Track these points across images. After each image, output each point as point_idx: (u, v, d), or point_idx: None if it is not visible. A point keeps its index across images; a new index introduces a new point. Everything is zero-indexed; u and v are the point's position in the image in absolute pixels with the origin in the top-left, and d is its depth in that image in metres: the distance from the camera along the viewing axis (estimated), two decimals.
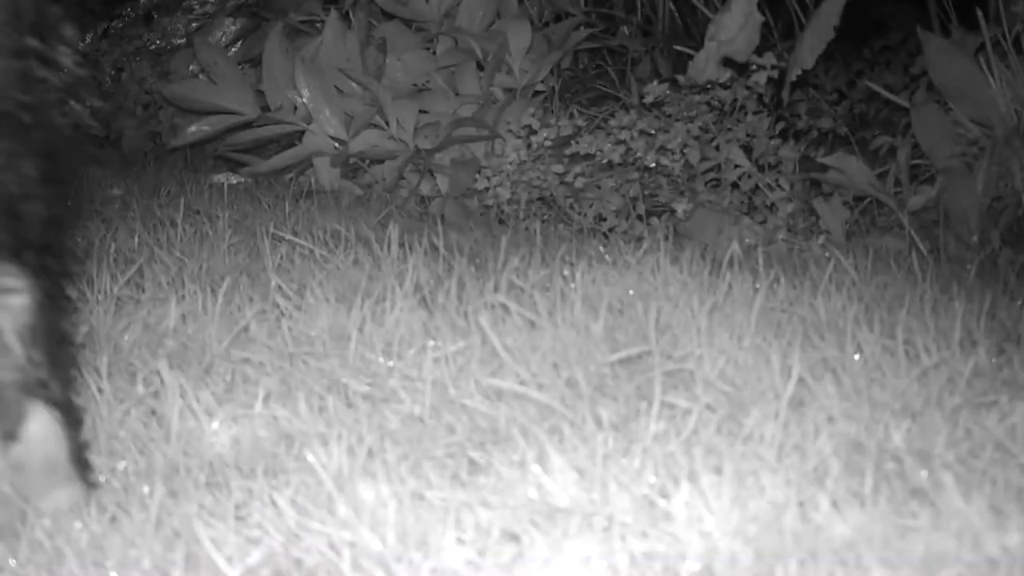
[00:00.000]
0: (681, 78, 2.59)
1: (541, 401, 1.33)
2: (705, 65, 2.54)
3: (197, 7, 3.74)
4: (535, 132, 2.69)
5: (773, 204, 2.46)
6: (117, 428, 1.31)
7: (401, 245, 1.90)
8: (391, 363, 1.45)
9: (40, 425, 1.15)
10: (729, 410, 1.30)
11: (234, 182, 2.89)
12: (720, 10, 2.57)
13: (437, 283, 1.71)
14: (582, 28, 3.04)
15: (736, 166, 2.49)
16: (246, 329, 1.59)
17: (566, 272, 1.77)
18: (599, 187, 2.62)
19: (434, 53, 2.98)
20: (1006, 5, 2.50)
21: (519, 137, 2.71)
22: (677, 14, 3.27)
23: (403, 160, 2.79)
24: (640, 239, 2.38)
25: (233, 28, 3.47)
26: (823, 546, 1.04)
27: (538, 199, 2.67)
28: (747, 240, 2.35)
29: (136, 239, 2.09)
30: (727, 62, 2.56)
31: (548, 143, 2.68)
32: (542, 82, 2.92)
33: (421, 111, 2.86)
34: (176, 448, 1.27)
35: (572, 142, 2.63)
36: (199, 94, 3.04)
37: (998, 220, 2.29)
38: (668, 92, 2.57)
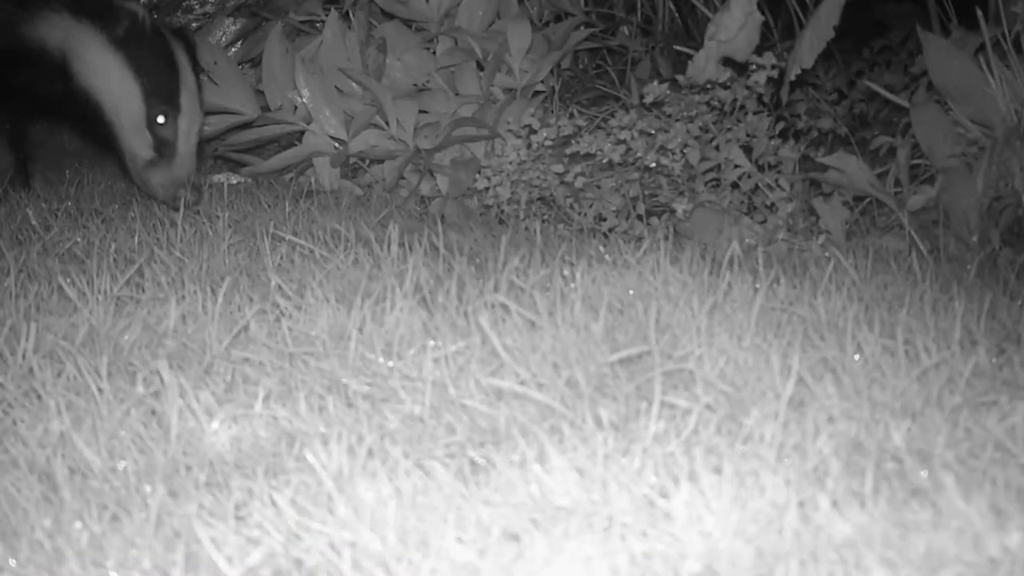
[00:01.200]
0: (681, 78, 2.59)
1: (541, 401, 1.33)
2: (705, 65, 2.54)
3: (197, 7, 3.74)
4: (535, 132, 2.69)
5: (773, 204, 2.46)
6: (117, 428, 1.31)
7: (401, 245, 1.90)
8: (391, 363, 1.45)
9: None
10: (729, 410, 1.30)
11: (234, 182, 2.89)
12: (720, 10, 2.57)
13: (437, 283, 1.71)
14: (582, 28, 3.03)
15: (736, 166, 2.49)
16: (246, 329, 1.59)
17: (566, 272, 1.77)
18: (599, 187, 2.62)
19: (434, 53, 2.98)
20: (1006, 5, 2.50)
21: (519, 137, 2.71)
22: (677, 14, 3.27)
23: (403, 160, 2.79)
24: (640, 239, 2.38)
25: (233, 28, 3.47)
26: (823, 546, 1.04)
27: (538, 199, 2.67)
28: (747, 240, 2.35)
29: (136, 239, 2.09)
30: (727, 62, 2.56)
31: (548, 143, 2.68)
32: (542, 82, 2.92)
33: (421, 111, 2.86)
34: (176, 448, 1.27)
35: (572, 142, 2.63)
36: None
37: (998, 220, 2.29)
38: (668, 92, 2.57)
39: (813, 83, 2.93)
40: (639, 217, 2.54)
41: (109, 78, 2.44)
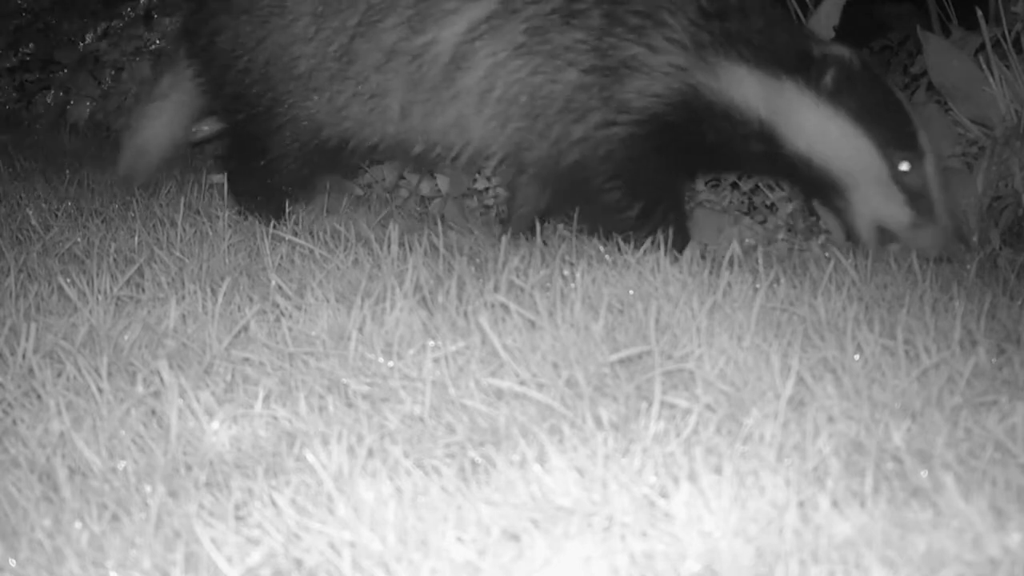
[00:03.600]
0: None
1: (541, 401, 1.33)
2: None
3: None
4: None
5: (773, 204, 2.46)
6: (117, 428, 1.31)
7: (401, 245, 1.90)
8: (391, 363, 1.45)
9: None
10: (729, 410, 1.30)
11: None
12: None
13: (437, 283, 1.71)
14: None
15: None
16: (246, 329, 1.59)
17: (566, 272, 1.77)
18: None
19: None
20: (1006, 5, 2.50)
21: None
22: None
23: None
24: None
25: None
26: (823, 546, 1.04)
27: None
28: (747, 240, 2.35)
29: (136, 239, 2.09)
30: None
31: None
32: None
33: None
34: (176, 448, 1.27)
35: None
36: None
37: (998, 220, 2.29)
38: None
39: None
40: None
41: (830, 138, 2.10)
